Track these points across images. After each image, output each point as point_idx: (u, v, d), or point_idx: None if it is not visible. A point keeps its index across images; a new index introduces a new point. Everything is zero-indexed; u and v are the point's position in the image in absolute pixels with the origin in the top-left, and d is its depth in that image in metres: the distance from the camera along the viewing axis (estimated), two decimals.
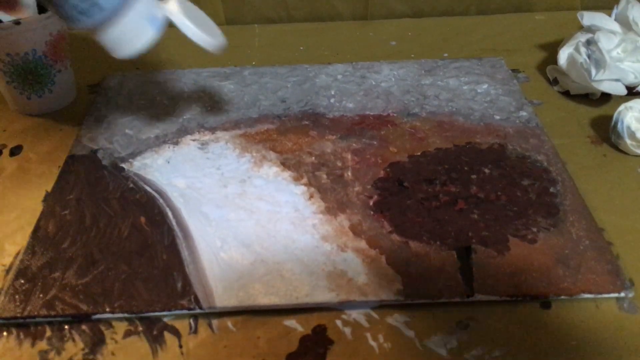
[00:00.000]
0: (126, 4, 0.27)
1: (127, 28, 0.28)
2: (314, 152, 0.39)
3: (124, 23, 0.28)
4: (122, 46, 0.29)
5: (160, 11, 0.30)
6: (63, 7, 0.26)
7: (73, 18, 0.27)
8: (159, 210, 0.34)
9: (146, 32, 0.29)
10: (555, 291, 0.29)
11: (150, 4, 0.29)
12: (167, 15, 0.30)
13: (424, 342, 0.27)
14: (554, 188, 0.35)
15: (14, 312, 0.28)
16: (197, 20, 0.31)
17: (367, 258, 0.31)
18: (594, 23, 0.44)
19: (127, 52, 0.29)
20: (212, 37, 0.31)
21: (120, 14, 0.27)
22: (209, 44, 0.31)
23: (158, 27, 0.29)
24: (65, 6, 0.26)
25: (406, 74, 0.47)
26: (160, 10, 0.30)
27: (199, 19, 0.31)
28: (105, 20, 0.27)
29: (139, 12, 0.28)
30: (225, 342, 0.28)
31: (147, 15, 0.29)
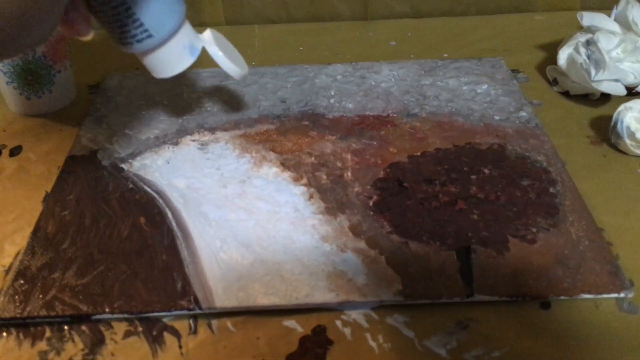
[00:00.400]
0: (172, 35, 0.31)
1: (170, 54, 0.32)
2: (313, 153, 0.39)
3: (167, 50, 0.31)
4: (163, 69, 0.33)
5: (197, 41, 0.33)
6: (122, 35, 0.30)
7: (127, 44, 0.30)
8: (159, 210, 0.34)
9: (185, 59, 0.33)
10: (555, 291, 0.29)
11: (190, 34, 0.32)
12: (202, 45, 0.33)
13: (423, 343, 0.27)
14: (553, 188, 0.35)
15: (14, 313, 0.28)
16: (226, 50, 0.34)
17: (367, 258, 0.31)
18: (593, 23, 0.44)
19: (165, 74, 0.33)
20: (238, 66, 0.35)
21: (166, 42, 0.31)
22: (235, 73, 0.35)
23: (195, 54, 0.33)
24: (124, 34, 0.30)
25: (406, 74, 0.47)
26: (198, 40, 0.33)
27: (228, 48, 0.35)
28: (153, 47, 0.31)
29: (181, 41, 0.32)
30: (225, 343, 0.28)
31: (187, 44, 0.32)
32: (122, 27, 0.29)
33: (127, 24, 0.29)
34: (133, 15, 0.29)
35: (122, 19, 0.29)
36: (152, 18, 0.30)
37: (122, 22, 0.29)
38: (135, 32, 0.30)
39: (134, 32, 0.30)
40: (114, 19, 0.29)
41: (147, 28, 0.30)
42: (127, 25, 0.29)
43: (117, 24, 0.29)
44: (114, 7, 0.29)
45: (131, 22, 0.29)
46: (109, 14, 0.29)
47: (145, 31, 0.30)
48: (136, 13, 0.29)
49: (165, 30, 0.30)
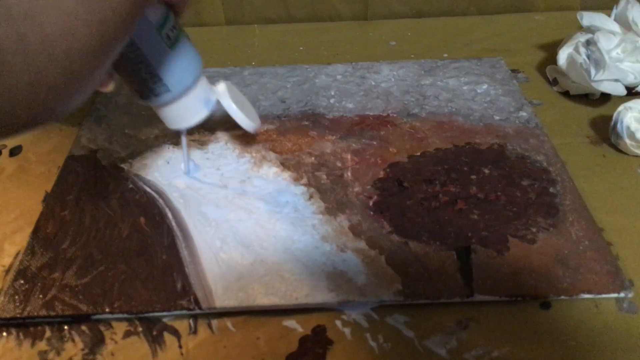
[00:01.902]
0: (189, 90, 0.31)
1: (185, 108, 0.32)
2: (313, 153, 0.39)
3: (183, 104, 0.32)
4: (178, 121, 0.33)
5: (212, 94, 0.33)
6: (141, 89, 0.30)
7: (144, 97, 0.31)
8: (159, 210, 0.34)
9: (200, 112, 0.33)
10: (555, 291, 0.29)
11: (205, 88, 0.33)
12: (217, 98, 0.34)
13: (423, 343, 0.27)
14: (553, 188, 0.35)
15: (14, 313, 0.28)
16: (240, 103, 0.35)
17: (367, 258, 0.31)
18: (593, 23, 0.44)
19: (180, 126, 0.33)
20: (251, 119, 0.35)
21: (182, 96, 0.31)
22: (249, 126, 0.35)
23: (210, 107, 0.33)
24: (143, 89, 0.30)
25: (406, 74, 0.47)
26: (213, 94, 0.34)
27: (241, 101, 0.35)
28: (170, 101, 0.31)
29: (197, 95, 0.32)
30: (225, 343, 0.28)
31: (203, 98, 0.33)
32: (141, 82, 0.30)
33: (146, 80, 0.30)
34: (153, 71, 0.30)
35: (142, 75, 0.30)
36: (171, 75, 0.30)
37: (142, 78, 0.30)
38: (154, 87, 0.30)
39: (152, 87, 0.30)
40: (134, 74, 0.30)
41: (165, 83, 0.30)
42: (147, 81, 0.30)
43: (137, 79, 0.30)
44: (135, 64, 0.29)
45: (150, 77, 0.30)
46: (129, 69, 0.29)
47: (164, 86, 0.30)
48: (156, 70, 0.30)
49: (183, 86, 0.31)
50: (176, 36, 0.30)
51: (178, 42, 0.30)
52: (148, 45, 0.29)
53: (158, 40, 0.29)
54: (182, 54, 0.30)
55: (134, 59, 0.29)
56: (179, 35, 0.30)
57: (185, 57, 0.31)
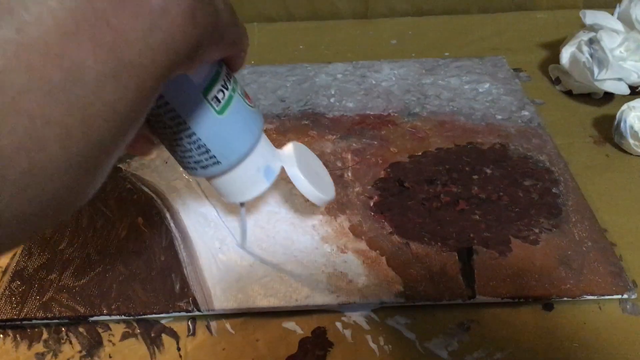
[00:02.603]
0: (244, 158, 0.25)
1: (240, 180, 0.26)
2: (313, 152, 0.38)
3: (237, 175, 0.25)
4: (231, 195, 0.27)
5: (275, 161, 0.27)
6: (185, 160, 0.25)
7: (189, 168, 0.25)
8: (157, 211, 0.34)
9: (259, 184, 0.26)
10: (558, 292, 0.28)
11: (266, 154, 0.26)
12: (282, 165, 0.27)
13: (424, 344, 0.27)
14: (556, 188, 0.35)
15: (11, 314, 0.28)
16: (310, 170, 0.28)
17: (368, 259, 0.30)
18: (596, 22, 0.44)
19: (235, 200, 0.27)
20: (322, 191, 0.28)
21: (236, 167, 0.25)
22: (318, 200, 0.28)
23: (272, 178, 0.27)
24: (187, 159, 0.25)
25: (407, 73, 0.46)
26: (276, 160, 0.27)
27: (312, 167, 0.29)
28: (220, 173, 0.25)
29: (255, 164, 0.26)
30: (224, 345, 0.27)
31: (262, 166, 0.26)
32: (184, 151, 0.24)
33: (190, 150, 0.24)
34: (197, 141, 0.23)
35: (184, 144, 0.24)
36: (221, 145, 0.24)
37: (185, 147, 0.24)
38: (200, 159, 0.24)
39: (197, 158, 0.24)
40: (176, 143, 0.24)
41: (213, 154, 0.24)
42: (190, 151, 0.24)
43: (180, 148, 0.24)
44: (175, 132, 0.23)
45: (195, 147, 0.24)
46: (169, 137, 0.24)
47: (212, 158, 0.24)
48: (201, 139, 0.23)
49: (235, 156, 0.25)
50: (228, 98, 0.23)
51: (229, 105, 0.23)
52: (191, 112, 0.23)
53: (204, 106, 0.23)
54: (235, 118, 0.24)
55: (174, 127, 0.23)
56: (231, 96, 0.23)
57: (239, 121, 0.24)
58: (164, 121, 0.23)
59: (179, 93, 0.22)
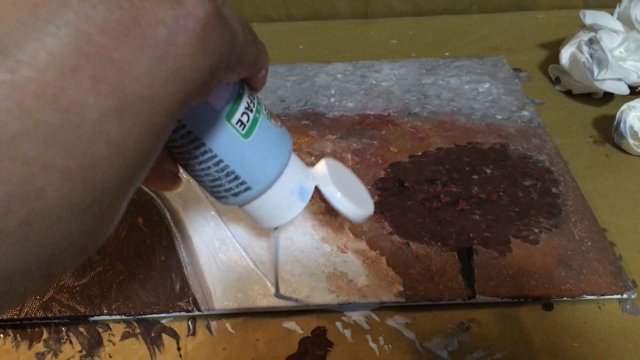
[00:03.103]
0: (276, 181, 0.24)
1: (274, 203, 0.24)
2: (313, 152, 0.38)
3: (270, 199, 0.24)
4: (266, 220, 0.25)
5: (308, 180, 0.25)
6: (214, 189, 0.23)
7: (220, 197, 0.24)
8: (157, 210, 0.34)
9: (294, 206, 0.25)
10: (558, 292, 0.28)
11: (299, 174, 0.25)
12: (315, 184, 0.26)
13: (424, 344, 0.27)
14: (556, 188, 0.35)
15: (11, 314, 0.28)
16: (345, 185, 0.27)
17: (368, 259, 0.30)
18: (596, 22, 0.44)
19: (271, 225, 0.26)
20: (360, 205, 0.27)
21: (267, 190, 0.24)
22: (358, 216, 0.26)
23: (306, 199, 0.25)
24: (216, 188, 0.23)
25: (407, 73, 0.46)
26: (309, 180, 0.26)
27: (347, 182, 0.28)
28: (253, 199, 0.24)
29: (288, 186, 0.24)
30: (224, 345, 0.27)
31: (296, 188, 0.25)
32: (213, 180, 0.23)
33: (219, 178, 0.23)
34: (226, 168, 0.22)
35: (212, 173, 0.22)
36: (249, 169, 0.23)
37: (213, 176, 0.23)
38: (230, 186, 0.23)
39: (228, 186, 0.23)
40: (204, 173, 0.22)
41: (244, 180, 0.23)
42: (219, 179, 0.23)
43: (208, 177, 0.23)
44: (201, 162, 0.22)
45: (224, 175, 0.22)
46: (197, 168, 0.22)
47: (242, 184, 0.23)
48: (229, 165, 0.22)
49: (266, 180, 0.23)
50: (253, 120, 0.22)
51: (255, 127, 0.22)
52: (216, 139, 0.21)
53: (229, 131, 0.21)
54: (262, 140, 0.22)
55: (200, 157, 0.21)
56: (256, 118, 0.22)
57: (267, 144, 0.23)
58: (188, 151, 0.21)
59: (201, 120, 0.21)
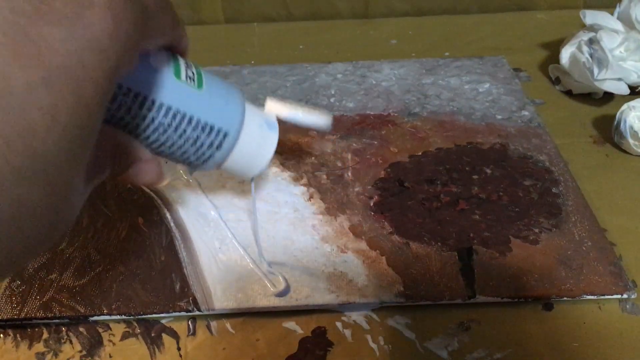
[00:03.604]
0: (243, 121, 0.25)
1: (252, 142, 0.26)
2: (313, 152, 0.38)
3: (248, 139, 0.25)
4: (253, 163, 0.27)
5: (268, 115, 0.28)
6: (199, 152, 0.24)
7: (208, 158, 0.25)
8: (157, 210, 0.34)
9: (269, 138, 0.27)
10: (558, 292, 0.28)
11: (257, 111, 0.27)
12: (275, 114, 0.28)
13: (424, 344, 0.27)
14: (556, 188, 0.35)
15: (11, 314, 0.28)
16: (297, 106, 0.29)
17: (368, 259, 0.30)
18: (596, 22, 0.44)
19: (262, 166, 0.27)
20: (320, 114, 0.29)
21: (241, 132, 0.25)
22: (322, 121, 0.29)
23: (276, 129, 0.27)
24: (200, 150, 0.24)
25: (407, 73, 0.46)
26: (268, 114, 0.28)
27: (297, 105, 0.30)
28: (232, 146, 0.25)
29: (255, 122, 0.26)
30: (224, 345, 0.27)
31: (262, 122, 0.27)
32: (194, 144, 0.24)
33: (198, 137, 0.24)
34: (199, 123, 0.23)
35: (190, 136, 0.23)
36: (218, 114, 0.24)
37: (193, 138, 0.23)
38: (210, 140, 0.24)
39: (208, 141, 0.24)
40: (183, 141, 0.23)
41: (219, 128, 0.24)
42: (198, 139, 0.24)
43: (188, 143, 0.24)
44: (177, 128, 0.23)
45: (200, 131, 0.23)
46: (175, 140, 0.23)
47: (218, 133, 0.24)
48: (201, 118, 0.23)
49: (237, 119, 0.25)
50: (197, 73, 0.23)
51: (202, 78, 0.24)
52: (179, 100, 0.22)
53: (184, 88, 0.22)
54: (215, 86, 0.24)
55: (174, 123, 0.22)
56: (199, 71, 0.24)
57: (220, 88, 0.24)
58: (163, 125, 0.22)
59: (158, 87, 0.22)
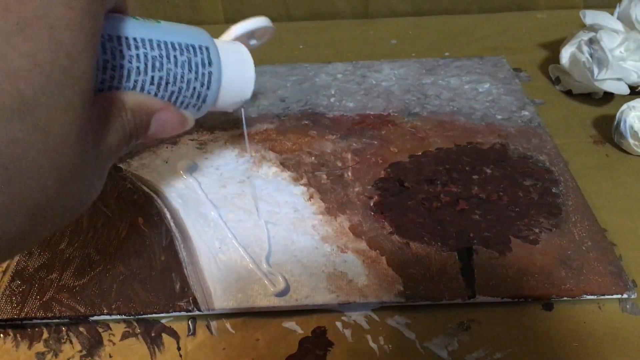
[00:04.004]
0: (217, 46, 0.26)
1: (232, 61, 0.27)
2: (313, 152, 0.38)
3: (226, 58, 0.26)
4: (244, 82, 0.28)
5: (234, 41, 0.29)
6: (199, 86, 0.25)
7: (206, 92, 0.25)
8: (157, 210, 0.34)
9: (243, 50, 0.28)
10: (558, 292, 0.28)
11: (222, 40, 0.28)
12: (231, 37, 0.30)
13: (424, 344, 0.27)
14: (556, 188, 0.35)
15: (11, 314, 0.28)
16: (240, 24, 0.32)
17: (368, 259, 0.30)
18: (596, 22, 0.44)
19: (252, 85, 0.29)
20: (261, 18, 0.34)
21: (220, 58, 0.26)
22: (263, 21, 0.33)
23: (246, 47, 0.29)
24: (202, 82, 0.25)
25: (407, 73, 0.46)
26: (231, 41, 0.29)
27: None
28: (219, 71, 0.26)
29: (221, 42, 0.27)
30: (224, 344, 0.27)
31: (228, 41, 0.28)
32: (190, 68, 0.24)
33: (190, 59, 0.24)
34: (181, 46, 0.24)
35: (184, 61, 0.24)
36: (189, 35, 0.24)
37: (187, 62, 0.24)
38: (200, 58, 0.24)
39: (200, 59, 0.24)
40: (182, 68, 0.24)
41: (199, 44, 0.24)
42: (191, 60, 0.24)
43: (186, 68, 0.24)
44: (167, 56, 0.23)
45: (187, 52, 0.24)
46: (173, 69, 0.23)
47: (201, 48, 0.24)
48: (181, 42, 0.24)
49: (206, 35, 0.25)
50: (149, 19, 0.24)
51: (157, 20, 0.24)
52: (155, 32, 0.23)
53: (151, 23, 0.23)
54: (168, 21, 0.25)
55: (163, 53, 0.23)
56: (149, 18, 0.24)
57: (178, 23, 0.25)
58: (156, 57, 0.22)
59: (135, 29, 0.22)
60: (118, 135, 0.20)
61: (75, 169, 0.17)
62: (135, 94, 0.22)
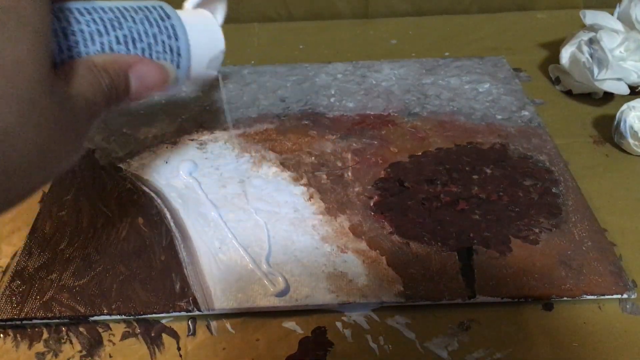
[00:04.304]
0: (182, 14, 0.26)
1: (200, 24, 0.27)
2: (313, 152, 0.38)
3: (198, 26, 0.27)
4: (214, 43, 0.29)
5: (199, 12, 0.30)
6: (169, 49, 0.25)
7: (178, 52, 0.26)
8: (157, 210, 0.34)
9: (205, 13, 0.29)
10: (558, 292, 0.28)
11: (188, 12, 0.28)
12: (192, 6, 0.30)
13: (424, 344, 0.27)
14: (556, 188, 0.35)
15: (11, 314, 0.28)
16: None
17: (368, 259, 0.30)
18: (596, 22, 0.44)
19: (222, 44, 0.29)
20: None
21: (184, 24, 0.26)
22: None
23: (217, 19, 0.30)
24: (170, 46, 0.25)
25: (407, 73, 0.46)
26: (198, 12, 0.30)
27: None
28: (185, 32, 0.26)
29: (195, 12, 0.28)
30: (224, 345, 0.27)
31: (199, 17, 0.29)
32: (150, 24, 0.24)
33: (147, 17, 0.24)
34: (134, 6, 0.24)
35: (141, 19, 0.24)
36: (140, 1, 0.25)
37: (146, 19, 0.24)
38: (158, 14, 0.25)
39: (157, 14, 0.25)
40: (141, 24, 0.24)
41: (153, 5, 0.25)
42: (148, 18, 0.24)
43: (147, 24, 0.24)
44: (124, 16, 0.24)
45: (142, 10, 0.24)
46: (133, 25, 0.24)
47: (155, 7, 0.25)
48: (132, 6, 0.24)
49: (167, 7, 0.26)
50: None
51: None
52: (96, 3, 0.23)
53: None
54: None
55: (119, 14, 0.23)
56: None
57: None
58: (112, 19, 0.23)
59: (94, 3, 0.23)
60: (94, 89, 0.20)
61: (37, 100, 0.17)
62: (104, 54, 0.22)
